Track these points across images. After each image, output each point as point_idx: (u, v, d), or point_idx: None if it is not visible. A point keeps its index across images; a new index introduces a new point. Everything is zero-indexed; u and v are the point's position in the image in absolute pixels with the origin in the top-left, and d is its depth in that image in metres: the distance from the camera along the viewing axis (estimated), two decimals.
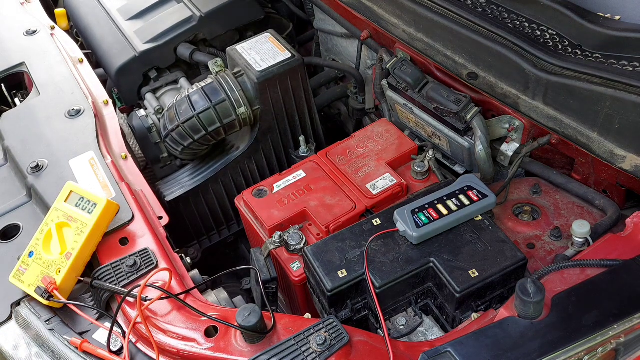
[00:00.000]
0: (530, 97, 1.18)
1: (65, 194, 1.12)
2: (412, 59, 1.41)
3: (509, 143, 1.31)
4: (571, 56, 1.12)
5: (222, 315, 1.00)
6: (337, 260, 1.05)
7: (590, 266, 0.95)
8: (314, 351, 0.87)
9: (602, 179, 1.18)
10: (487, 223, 1.08)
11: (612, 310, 0.86)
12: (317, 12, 1.83)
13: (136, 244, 1.13)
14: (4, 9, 1.85)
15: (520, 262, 1.02)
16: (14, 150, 1.35)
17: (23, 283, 1.05)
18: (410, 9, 1.35)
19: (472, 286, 0.99)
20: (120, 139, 1.40)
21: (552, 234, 1.19)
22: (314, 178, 1.33)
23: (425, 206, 1.09)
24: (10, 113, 1.47)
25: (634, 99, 1.01)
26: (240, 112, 1.46)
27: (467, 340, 0.85)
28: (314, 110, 1.61)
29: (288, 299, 1.34)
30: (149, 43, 1.71)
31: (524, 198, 1.28)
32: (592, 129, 1.11)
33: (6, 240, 1.18)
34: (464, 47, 1.27)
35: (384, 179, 1.30)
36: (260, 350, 0.90)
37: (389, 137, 1.40)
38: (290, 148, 1.60)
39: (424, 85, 1.34)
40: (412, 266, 1.03)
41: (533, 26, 1.20)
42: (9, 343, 1.03)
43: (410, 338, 1.05)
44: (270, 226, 1.24)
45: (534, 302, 0.84)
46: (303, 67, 1.50)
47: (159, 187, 1.55)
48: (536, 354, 0.82)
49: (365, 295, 1.06)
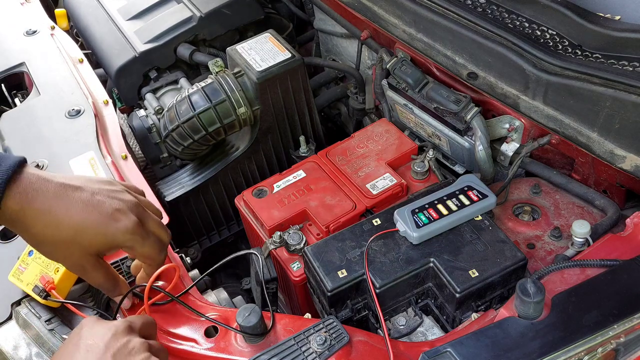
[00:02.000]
0: (530, 97, 1.18)
1: None
2: (412, 59, 1.41)
3: (509, 143, 1.32)
4: (571, 56, 1.12)
5: (222, 316, 1.00)
6: (337, 260, 1.05)
7: (590, 266, 0.95)
8: (314, 351, 0.87)
9: (602, 179, 1.18)
10: (487, 223, 1.08)
11: (612, 310, 0.86)
12: (317, 12, 1.83)
13: None
14: (4, 9, 1.85)
15: (520, 262, 1.02)
16: (14, 150, 1.35)
17: (22, 282, 1.05)
18: (410, 9, 1.35)
19: (472, 286, 0.99)
20: (120, 139, 1.40)
21: (552, 234, 1.19)
22: (314, 178, 1.33)
23: (425, 206, 1.09)
24: (10, 113, 1.47)
25: (634, 99, 1.01)
26: (240, 112, 1.46)
27: (467, 340, 0.85)
28: (314, 110, 1.61)
29: (288, 299, 1.34)
30: (149, 43, 1.71)
31: (524, 198, 1.28)
32: (592, 129, 1.11)
33: (6, 240, 1.18)
34: (464, 47, 1.27)
35: (384, 179, 1.30)
36: (260, 350, 0.90)
37: (389, 137, 1.40)
38: (290, 148, 1.60)
39: (424, 85, 1.34)
40: (412, 266, 1.03)
41: (533, 26, 1.20)
42: (9, 343, 1.02)
43: (410, 338, 1.05)
44: (270, 226, 1.24)
45: (534, 302, 0.84)
46: (303, 67, 1.50)
47: (159, 187, 1.55)
48: (536, 354, 0.82)
49: (365, 295, 1.06)
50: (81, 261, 0.87)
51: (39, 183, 0.82)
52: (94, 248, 0.86)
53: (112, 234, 0.85)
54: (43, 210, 0.81)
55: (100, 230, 0.84)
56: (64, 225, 0.82)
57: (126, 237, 0.86)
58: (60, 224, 0.82)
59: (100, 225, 0.84)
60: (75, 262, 0.87)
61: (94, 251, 0.86)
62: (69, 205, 0.83)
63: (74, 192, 0.84)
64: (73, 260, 0.87)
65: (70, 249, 0.85)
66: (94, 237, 0.84)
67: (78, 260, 0.87)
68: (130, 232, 0.86)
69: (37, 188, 0.81)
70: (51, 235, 0.83)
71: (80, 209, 0.83)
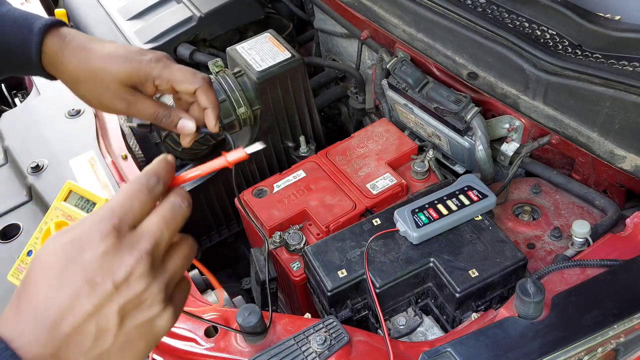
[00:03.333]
0: (530, 97, 1.18)
1: (64, 193, 1.12)
2: (412, 59, 1.41)
3: (509, 143, 1.32)
4: (571, 56, 1.12)
5: (222, 316, 1.00)
6: (337, 260, 1.05)
7: (590, 266, 0.95)
8: (314, 351, 0.87)
9: (602, 179, 1.18)
10: (487, 223, 1.08)
11: (612, 310, 0.86)
12: (317, 12, 1.83)
13: None
14: None
15: (520, 262, 1.02)
16: (14, 150, 1.35)
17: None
18: (411, 9, 1.35)
19: (472, 286, 0.99)
20: (120, 139, 1.40)
21: (552, 234, 1.19)
22: (314, 178, 1.33)
23: (425, 206, 1.09)
24: (10, 113, 1.47)
25: (634, 99, 1.01)
26: (240, 112, 1.46)
27: (467, 340, 0.85)
28: (314, 110, 1.61)
29: (288, 299, 1.34)
30: (149, 43, 1.71)
31: (524, 198, 1.28)
32: (592, 129, 1.11)
33: (6, 240, 1.18)
34: (464, 47, 1.27)
35: (384, 179, 1.30)
36: (260, 350, 0.90)
37: (389, 137, 1.40)
38: (290, 148, 1.60)
39: (424, 85, 1.34)
40: (412, 266, 1.03)
41: (533, 26, 1.20)
42: None
43: (410, 338, 1.05)
44: (270, 226, 1.24)
45: (534, 302, 0.84)
46: (303, 67, 1.50)
47: None
48: (536, 354, 0.82)
49: (365, 295, 1.06)
50: (120, 92, 0.92)
51: (74, 32, 0.94)
52: (126, 76, 0.91)
53: (138, 61, 0.91)
54: (78, 47, 0.92)
55: (128, 57, 0.91)
56: (96, 56, 0.91)
57: (152, 65, 0.92)
58: (93, 55, 0.91)
59: (129, 54, 0.92)
60: (115, 95, 0.92)
61: (127, 80, 0.91)
62: (101, 44, 0.93)
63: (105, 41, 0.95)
64: (112, 94, 0.92)
65: (105, 81, 0.91)
66: (122, 64, 0.91)
67: (117, 92, 0.92)
68: (155, 60, 0.92)
69: (72, 34, 0.93)
70: (85, 69, 0.91)
71: (110, 45, 0.93)
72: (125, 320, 0.56)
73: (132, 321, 0.56)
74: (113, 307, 0.55)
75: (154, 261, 0.57)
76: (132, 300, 0.56)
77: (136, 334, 0.57)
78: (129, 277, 0.55)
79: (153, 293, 0.57)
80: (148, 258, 0.56)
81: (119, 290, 0.55)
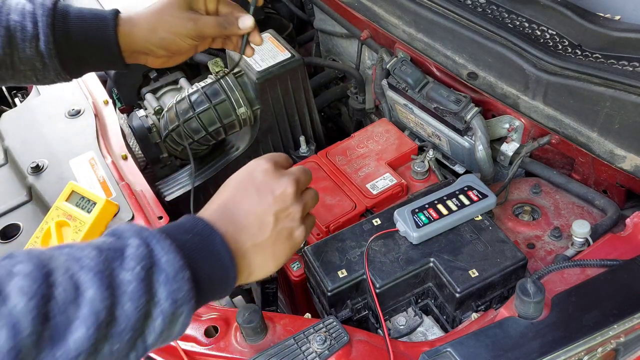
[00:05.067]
0: (530, 97, 1.18)
1: (66, 193, 1.12)
2: (412, 59, 1.41)
3: (509, 143, 1.32)
4: (571, 56, 1.12)
5: (222, 316, 1.00)
6: (337, 260, 1.05)
7: (590, 266, 0.95)
8: (314, 351, 0.87)
9: (602, 179, 1.18)
10: (487, 223, 1.08)
11: (612, 310, 0.86)
12: (317, 12, 1.83)
13: None
14: None
15: (520, 262, 1.02)
16: (14, 150, 1.35)
17: None
18: (410, 9, 1.35)
19: (472, 286, 0.99)
20: (120, 139, 1.40)
21: (552, 234, 1.19)
22: (314, 178, 1.32)
23: (425, 206, 1.09)
24: (10, 113, 1.47)
25: (634, 99, 1.01)
26: (240, 112, 1.46)
27: (467, 340, 0.85)
28: (314, 110, 1.61)
29: (288, 299, 1.34)
30: None
31: (524, 198, 1.28)
32: (592, 129, 1.11)
33: (6, 240, 1.18)
34: (464, 47, 1.27)
35: (384, 179, 1.30)
36: (260, 350, 0.90)
37: (389, 137, 1.40)
38: (290, 148, 1.60)
39: (424, 85, 1.34)
40: (412, 266, 1.03)
41: (533, 26, 1.20)
42: None
43: (410, 338, 1.05)
44: None
45: (534, 302, 0.84)
46: (303, 67, 1.50)
47: (159, 187, 1.55)
48: (536, 354, 0.82)
49: (365, 295, 1.06)
50: (185, 15, 1.05)
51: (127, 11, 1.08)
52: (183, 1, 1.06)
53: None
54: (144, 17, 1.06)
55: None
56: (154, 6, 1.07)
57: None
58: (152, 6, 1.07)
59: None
60: (182, 19, 1.05)
61: (185, 5, 1.06)
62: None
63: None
64: (180, 20, 1.05)
65: (171, 12, 1.05)
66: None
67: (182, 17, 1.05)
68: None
69: (138, 12, 1.07)
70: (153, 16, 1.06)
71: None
72: (278, 222, 0.85)
73: (281, 224, 0.85)
74: (270, 210, 0.85)
75: (297, 189, 0.88)
76: (283, 209, 0.86)
77: (284, 235, 0.86)
78: (283, 193, 0.86)
79: (295, 210, 0.87)
80: (295, 185, 0.87)
81: (275, 200, 0.85)
